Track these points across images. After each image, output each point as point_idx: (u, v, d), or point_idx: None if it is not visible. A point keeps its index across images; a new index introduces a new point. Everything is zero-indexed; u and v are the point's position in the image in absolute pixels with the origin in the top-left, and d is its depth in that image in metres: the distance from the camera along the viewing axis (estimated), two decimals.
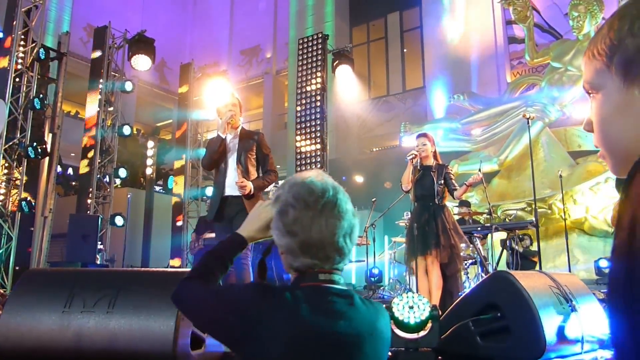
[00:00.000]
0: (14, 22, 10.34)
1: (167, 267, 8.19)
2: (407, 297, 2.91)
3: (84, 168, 11.42)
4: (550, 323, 2.90)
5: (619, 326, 0.43)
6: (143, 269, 7.61)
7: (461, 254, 5.71)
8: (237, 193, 4.55)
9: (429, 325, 2.93)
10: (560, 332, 2.98)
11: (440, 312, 3.07)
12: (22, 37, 10.50)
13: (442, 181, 5.60)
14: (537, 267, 7.94)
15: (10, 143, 10.01)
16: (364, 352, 1.41)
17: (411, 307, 2.86)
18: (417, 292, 5.19)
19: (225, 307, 1.41)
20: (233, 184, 4.56)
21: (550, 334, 2.87)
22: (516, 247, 8.03)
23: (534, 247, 9.36)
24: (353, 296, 1.47)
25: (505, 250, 8.17)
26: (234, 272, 4.35)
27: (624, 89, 0.70)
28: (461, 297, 3.46)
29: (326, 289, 1.43)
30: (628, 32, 0.70)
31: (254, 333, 1.34)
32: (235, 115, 4.70)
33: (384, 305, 3.06)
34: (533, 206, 7.11)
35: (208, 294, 1.47)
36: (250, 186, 4.50)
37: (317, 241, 1.43)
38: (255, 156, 4.73)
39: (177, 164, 13.04)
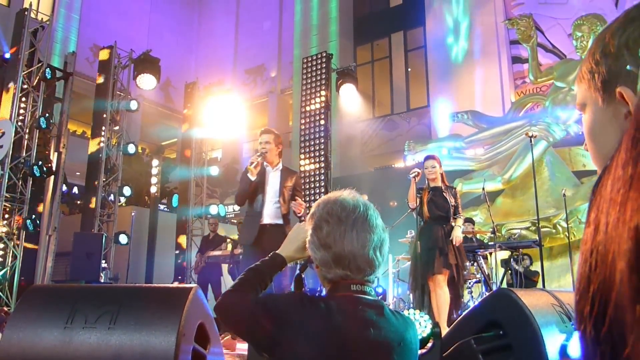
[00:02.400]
0: (21, 43, 10.46)
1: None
2: (409, 314, 2.90)
3: (88, 187, 11.46)
4: (552, 342, 2.89)
5: (581, 332, 0.45)
6: (145, 284, 7.60)
7: (464, 272, 5.79)
8: (275, 222, 5.02)
9: (431, 342, 2.92)
10: (563, 351, 2.96)
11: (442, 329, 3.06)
12: (29, 57, 10.62)
13: (454, 202, 5.75)
14: (541, 286, 7.90)
15: (16, 162, 10.07)
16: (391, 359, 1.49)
17: None
18: (421, 308, 5.21)
19: (264, 314, 1.50)
20: (271, 213, 5.03)
21: (552, 352, 2.85)
22: (517, 267, 8.01)
23: (534, 267, 9.34)
24: (383, 307, 1.56)
25: (508, 270, 8.15)
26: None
27: (603, 108, 0.75)
28: (463, 314, 3.45)
29: (358, 299, 1.52)
30: (602, 54, 0.75)
31: (290, 339, 1.44)
32: (269, 152, 5.15)
33: None
34: (537, 225, 7.11)
35: (249, 304, 1.56)
36: (304, 205, 4.95)
37: (349, 253, 1.52)
38: (290, 192, 5.15)
39: (181, 183, 13.09)
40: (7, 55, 10.86)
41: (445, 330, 3.58)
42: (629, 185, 0.44)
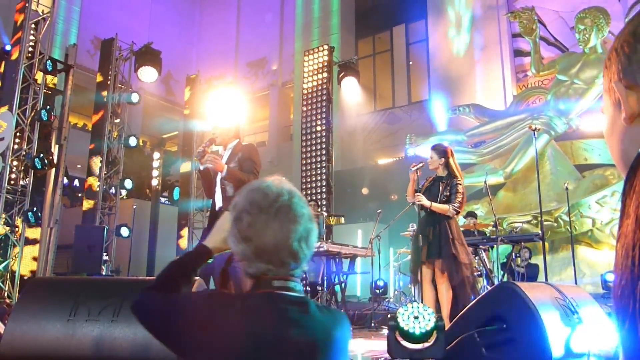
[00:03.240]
0: (22, 35, 10.43)
1: None
2: (412, 307, 2.90)
3: (90, 180, 11.46)
4: (556, 335, 2.88)
5: (625, 329, 0.43)
6: (148, 277, 7.63)
7: (467, 263, 5.64)
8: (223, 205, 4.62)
9: (434, 335, 2.92)
10: (567, 345, 2.95)
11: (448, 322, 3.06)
12: (30, 49, 10.59)
13: (447, 193, 5.59)
14: (543, 280, 7.90)
15: (17, 154, 10.06)
16: None
17: (416, 317, 2.85)
18: (422, 301, 5.19)
19: (177, 315, 1.40)
20: (221, 197, 4.67)
21: (556, 346, 2.85)
22: (518, 263, 8.00)
23: (533, 261, 9.35)
24: (308, 303, 1.44)
25: (511, 265, 8.14)
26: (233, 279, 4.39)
27: (611, 107, 0.78)
28: (466, 307, 3.44)
29: (280, 296, 1.41)
30: (608, 58, 0.78)
31: (203, 341, 1.33)
32: (219, 137, 4.91)
33: (389, 316, 3.05)
34: (539, 219, 7.10)
35: (165, 303, 1.46)
36: (220, 162, 4.53)
37: (271, 246, 1.41)
38: (240, 169, 4.68)
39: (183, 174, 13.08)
40: (8, 47, 10.83)
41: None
42: None
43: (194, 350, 1.34)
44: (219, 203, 4.69)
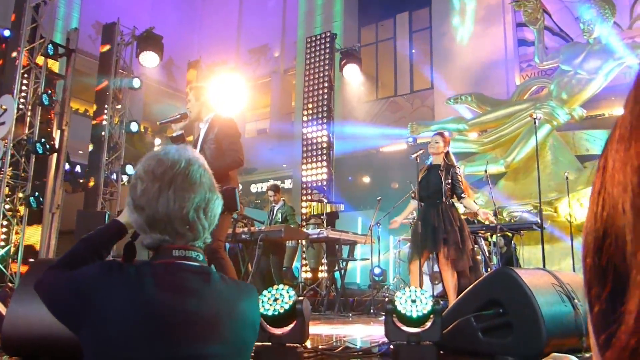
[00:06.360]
0: (23, 18, 10.40)
1: None
2: (410, 290, 2.92)
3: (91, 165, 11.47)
4: (551, 320, 2.91)
5: (588, 308, 0.46)
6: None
7: (472, 248, 5.70)
8: None
9: (431, 319, 2.95)
10: (562, 329, 2.98)
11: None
12: (31, 33, 10.57)
13: (450, 181, 5.62)
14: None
15: (19, 139, 10.08)
16: (219, 333, 1.33)
17: (413, 301, 2.88)
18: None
19: (69, 288, 1.33)
20: None
21: (551, 330, 2.88)
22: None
23: (527, 251, 9.27)
24: (210, 273, 1.39)
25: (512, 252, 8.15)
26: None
27: None
28: (464, 292, 3.47)
29: (179, 266, 1.35)
30: None
31: (92, 313, 1.26)
32: (190, 109, 4.75)
33: (387, 299, 3.08)
34: (539, 208, 7.11)
35: (62, 279, 1.37)
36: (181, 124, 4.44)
37: (163, 215, 1.35)
38: (217, 145, 4.43)
39: None
40: (7, 33, 10.79)
41: None
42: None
43: (82, 321, 1.28)
44: None
